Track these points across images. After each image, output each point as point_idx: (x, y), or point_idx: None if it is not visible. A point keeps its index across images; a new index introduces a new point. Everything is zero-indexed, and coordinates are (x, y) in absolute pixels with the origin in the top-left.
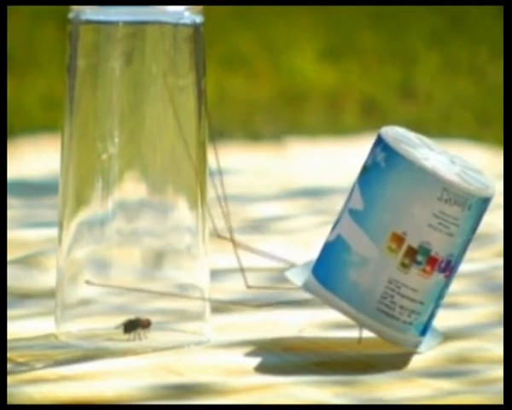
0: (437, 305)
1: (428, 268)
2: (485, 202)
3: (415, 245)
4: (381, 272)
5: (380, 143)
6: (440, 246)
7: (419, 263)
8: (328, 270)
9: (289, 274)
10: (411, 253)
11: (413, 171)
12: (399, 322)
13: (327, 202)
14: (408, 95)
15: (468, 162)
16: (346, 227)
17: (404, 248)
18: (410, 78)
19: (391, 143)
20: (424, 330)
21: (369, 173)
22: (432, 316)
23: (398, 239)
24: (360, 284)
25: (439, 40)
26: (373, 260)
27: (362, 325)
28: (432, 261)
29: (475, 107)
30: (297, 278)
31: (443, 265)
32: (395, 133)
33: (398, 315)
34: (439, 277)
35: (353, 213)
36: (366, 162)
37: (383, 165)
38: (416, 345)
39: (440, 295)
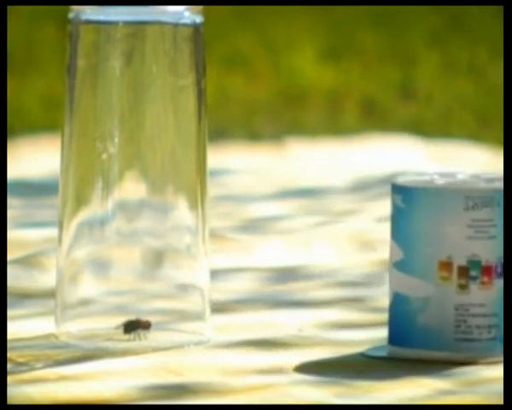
0: None
1: (486, 279)
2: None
3: (464, 263)
4: (445, 303)
5: (393, 189)
6: (488, 252)
7: (475, 278)
8: (399, 329)
9: (371, 352)
10: (464, 272)
11: (431, 195)
12: (482, 342)
13: (326, 203)
14: (408, 95)
15: (468, 171)
16: (397, 281)
17: (454, 271)
18: (410, 78)
19: (401, 183)
20: None
21: (395, 222)
22: None
23: (446, 265)
24: (431, 324)
25: (439, 40)
26: (432, 297)
27: (449, 362)
28: (487, 271)
29: (475, 107)
30: (379, 353)
31: (499, 269)
32: (403, 176)
33: (479, 336)
34: (500, 282)
35: (397, 265)
36: (391, 215)
37: (403, 206)
38: None
39: None
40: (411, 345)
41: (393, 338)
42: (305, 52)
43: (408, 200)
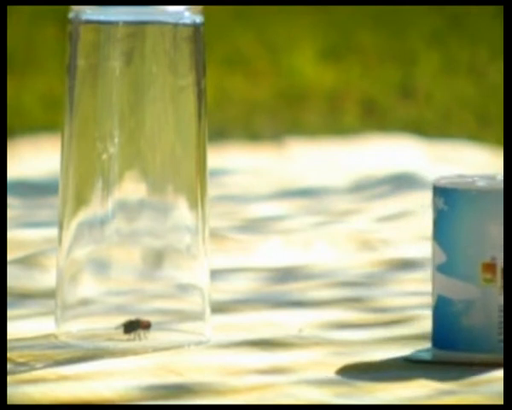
0: None
1: None
2: None
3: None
4: (489, 305)
5: (435, 192)
6: None
7: None
8: (443, 332)
9: (415, 356)
10: None
11: (473, 197)
12: None
13: (327, 203)
14: (408, 95)
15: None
16: (440, 284)
17: (498, 272)
18: (410, 78)
19: (443, 185)
20: None
21: (438, 224)
22: None
23: (490, 267)
24: (475, 325)
25: (439, 40)
26: (476, 298)
27: (494, 365)
28: None
29: (475, 107)
30: (424, 356)
31: None
32: (444, 178)
33: None
34: None
35: (440, 268)
36: (433, 217)
37: (446, 208)
38: None
39: None
40: (456, 348)
41: (437, 341)
42: (305, 52)
43: (451, 202)
